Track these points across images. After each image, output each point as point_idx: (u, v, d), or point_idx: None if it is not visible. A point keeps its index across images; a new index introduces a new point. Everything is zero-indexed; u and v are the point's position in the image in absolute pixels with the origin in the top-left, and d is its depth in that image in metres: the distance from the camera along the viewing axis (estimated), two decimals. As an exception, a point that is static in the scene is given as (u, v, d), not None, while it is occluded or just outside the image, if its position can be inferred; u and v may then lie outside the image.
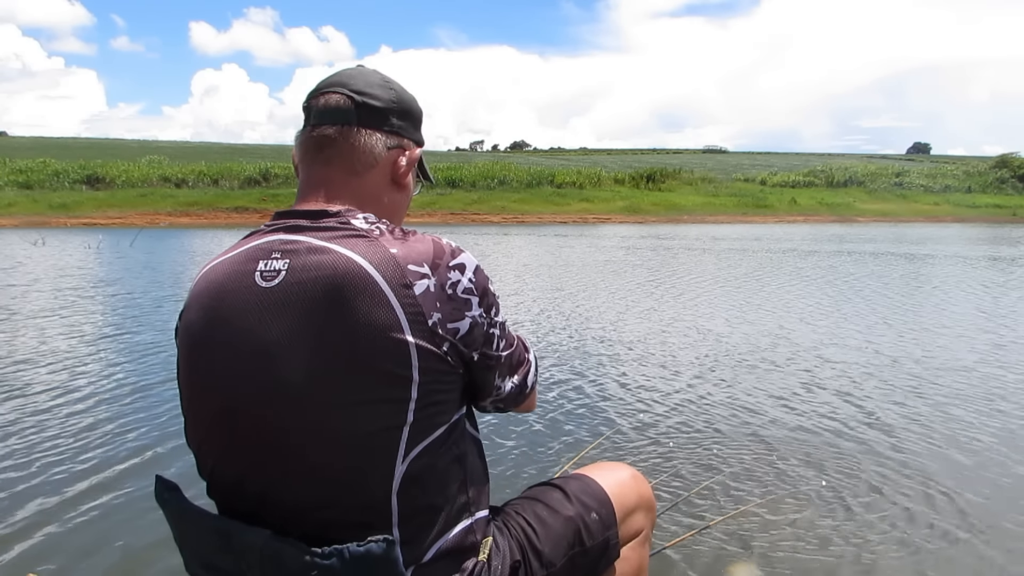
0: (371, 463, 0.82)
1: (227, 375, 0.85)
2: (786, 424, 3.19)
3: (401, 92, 0.99)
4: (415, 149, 1.01)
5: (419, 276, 0.83)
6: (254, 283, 0.85)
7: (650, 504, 1.27)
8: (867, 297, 7.69)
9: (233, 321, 0.85)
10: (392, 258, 0.83)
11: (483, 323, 0.89)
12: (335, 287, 0.81)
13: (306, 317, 0.81)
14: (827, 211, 41.18)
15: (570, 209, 36.89)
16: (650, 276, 9.92)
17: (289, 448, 0.83)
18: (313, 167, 0.95)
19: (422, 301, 0.82)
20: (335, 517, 0.83)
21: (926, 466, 2.67)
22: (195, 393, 0.91)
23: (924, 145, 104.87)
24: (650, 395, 3.68)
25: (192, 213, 31.85)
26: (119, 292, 8.00)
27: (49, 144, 54.10)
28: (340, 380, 0.80)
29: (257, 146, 64.13)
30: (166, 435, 3.01)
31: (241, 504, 0.88)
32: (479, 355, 0.89)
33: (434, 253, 0.86)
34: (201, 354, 0.89)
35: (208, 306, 0.88)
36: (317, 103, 0.95)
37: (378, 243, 0.84)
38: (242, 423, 0.85)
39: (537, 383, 1.09)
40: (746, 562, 1.96)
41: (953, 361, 4.47)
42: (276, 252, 0.86)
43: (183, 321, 0.92)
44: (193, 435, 0.93)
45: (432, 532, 0.87)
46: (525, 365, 1.02)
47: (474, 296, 0.87)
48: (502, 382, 0.97)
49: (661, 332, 5.53)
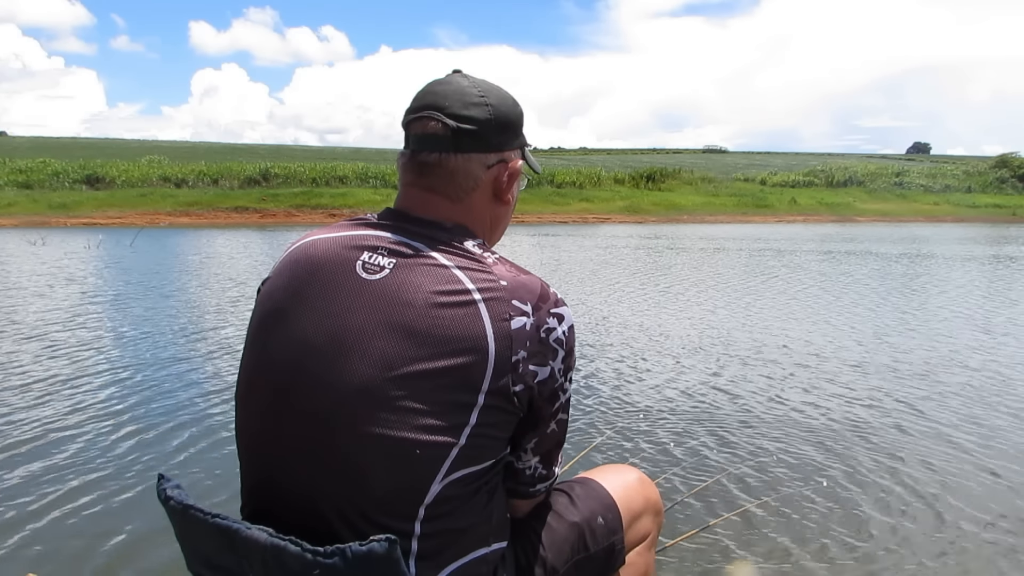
0: (409, 474, 0.82)
1: (297, 348, 0.86)
2: (786, 424, 3.19)
3: (498, 104, 0.94)
4: (517, 160, 0.98)
5: (519, 312, 0.84)
6: (354, 271, 0.86)
7: (657, 508, 1.26)
8: (869, 297, 7.69)
9: (319, 300, 0.86)
10: (500, 288, 0.85)
11: (558, 379, 0.89)
12: (436, 300, 0.82)
13: (396, 318, 0.82)
14: (827, 211, 41.14)
15: (570, 209, 36.83)
16: (650, 276, 9.91)
17: (331, 440, 0.83)
18: (415, 189, 0.95)
19: (515, 336, 0.83)
20: (356, 521, 0.83)
21: (928, 466, 2.67)
22: (258, 359, 0.91)
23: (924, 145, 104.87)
24: (650, 395, 3.68)
25: (192, 213, 31.81)
26: (118, 291, 7.99)
27: (49, 144, 53.99)
28: (406, 384, 0.80)
29: (257, 146, 64.04)
30: (168, 434, 3.01)
31: (267, 490, 0.89)
32: (537, 407, 0.89)
33: (540, 295, 0.87)
34: (277, 320, 0.89)
35: (298, 277, 0.89)
36: (415, 129, 0.93)
37: (490, 271, 0.86)
38: (295, 404, 0.85)
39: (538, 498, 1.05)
40: (746, 562, 1.96)
41: (958, 362, 4.47)
42: (383, 249, 0.87)
43: (266, 286, 0.93)
44: (244, 418, 0.93)
45: (448, 554, 0.87)
46: (554, 467, 1.00)
47: (562, 349, 0.88)
48: (531, 455, 0.96)
49: (661, 331, 5.53)
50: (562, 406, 0.93)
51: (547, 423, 0.92)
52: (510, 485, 0.99)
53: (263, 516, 0.90)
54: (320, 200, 33.63)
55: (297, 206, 33.04)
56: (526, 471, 0.97)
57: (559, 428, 0.95)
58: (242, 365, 0.95)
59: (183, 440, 2.95)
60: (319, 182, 36.95)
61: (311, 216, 31.37)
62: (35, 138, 66.08)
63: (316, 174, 37.67)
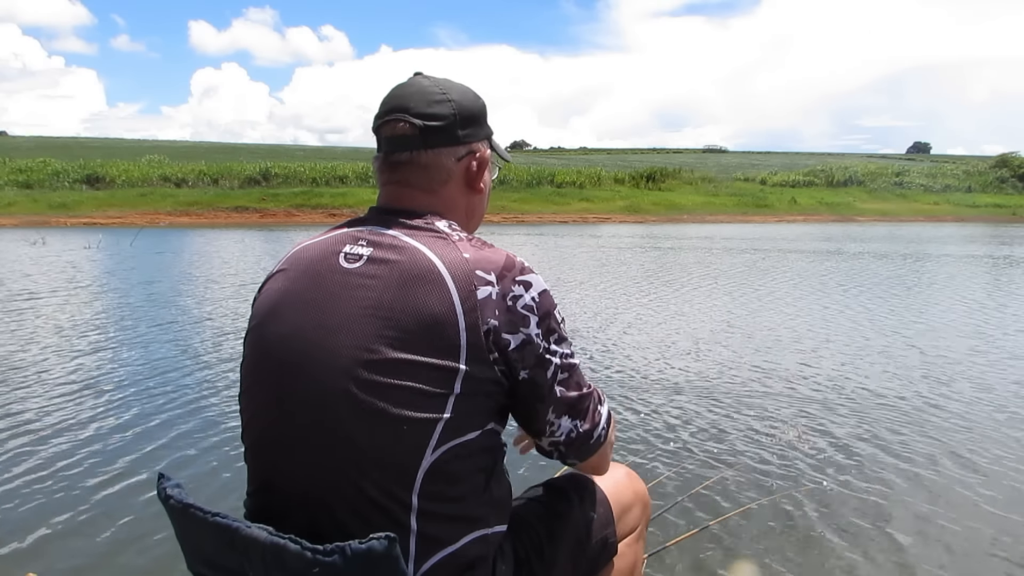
0: (401, 450, 0.85)
1: (289, 341, 0.90)
2: (787, 424, 3.19)
3: (460, 99, 0.99)
4: (485, 150, 1.04)
5: (484, 282, 0.87)
6: (337, 263, 0.92)
7: (645, 501, 1.30)
8: (870, 297, 7.69)
9: (307, 293, 0.92)
10: (464, 261, 0.88)
11: (538, 344, 0.90)
12: (406, 277, 0.87)
13: (374, 299, 0.87)
14: (827, 211, 41.15)
15: (570, 209, 36.87)
16: (650, 275, 9.92)
17: (325, 424, 0.87)
18: (393, 186, 1.01)
19: (481, 306, 0.86)
20: (357, 502, 0.86)
21: (930, 466, 2.67)
22: (254, 355, 0.96)
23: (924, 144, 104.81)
24: (650, 394, 3.69)
25: (192, 212, 31.83)
26: (117, 290, 8.00)
27: (49, 144, 54.04)
28: (388, 364, 0.84)
29: (257, 146, 64.13)
30: (168, 433, 3.01)
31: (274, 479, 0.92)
32: (527, 377, 0.90)
33: (503, 265, 0.90)
34: (271, 318, 0.94)
35: (290, 276, 0.95)
36: (385, 132, 0.99)
37: (455, 246, 0.91)
38: (289, 394, 0.89)
39: (610, 442, 1.06)
40: (746, 562, 1.96)
41: (961, 361, 4.47)
42: (363, 240, 0.93)
43: (264, 288, 0.99)
44: (247, 408, 0.97)
45: (448, 533, 0.88)
46: (593, 414, 0.99)
47: (533, 315, 0.90)
48: (557, 419, 0.95)
49: (661, 331, 5.53)
50: (558, 368, 0.93)
51: (551, 390, 0.93)
52: (569, 456, 1.01)
53: (267, 512, 0.92)
54: (320, 200, 33.65)
55: (297, 206, 33.06)
56: (571, 435, 0.98)
57: (568, 389, 0.95)
58: (242, 365, 0.99)
59: (183, 439, 2.95)
60: (319, 182, 36.97)
61: (311, 216, 31.40)
62: (35, 138, 66.17)
63: (316, 174, 37.70)
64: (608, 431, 1.04)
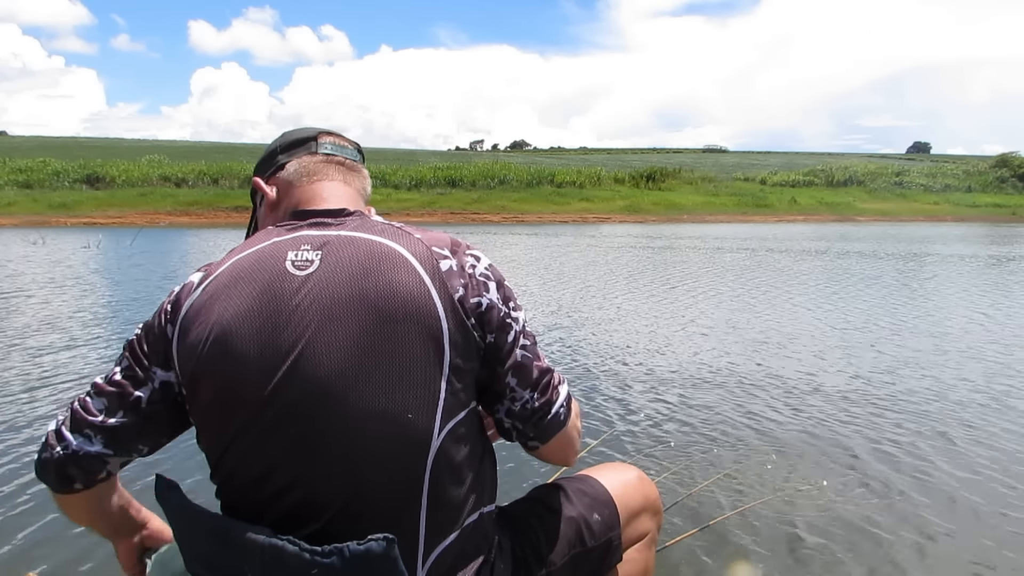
0: (408, 440, 0.84)
1: (263, 364, 0.84)
2: (787, 423, 3.19)
3: None
4: None
5: (442, 256, 0.91)
6: (287, 272, 0.88)
7: (656, 507, 1.27)
8: (871, 297, 7.69)
9: (266, 310, 0.86)
10: (419, 241, 0.92)
11: (500, 309, 0.92)
12: (372, 265, 0.87)
13: (343, 298, 0.85)
14: (827, 211, 41.15)
15: (570, 209, 36.87)
16: (651, 275, 9.91)
17: (328, 435, 0.83)
18: (336, 183, 1.06)
19: (446, 276, 0.89)
20: (361, 503, 0.84)
21: (931, 466, 2.67)
22: (222, 382, 0.86)
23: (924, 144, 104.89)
24: (651, 394, 3.68)
25: (192, 212, 31.83)
26: (118, 290, 7.99)
27: (49, 143, 54.01)
28: (376, 356, 0.83)
29: (257, 145, 64.00)
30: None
31: (265, 500, 0.87)
32: (493, 341, 0.91)
33: (452, 241, 0.95)
34: (234, 344, 0.85)
35: (240, 295, 0.87)
36: (331, 139, 1.10)
37: (402, 231, 0.94)
38: (279, 414, 0.84)
39: (575, 427, 1.03)
40: (746, 562, 1.96)
41: (964, 362, 4.47)
42: (306, 244, 0.91)
43: (197, 312, 0.89)
44: (216, 431, 0.89)
45: (454, 515, 0.89)
46: (552, 391, 0.98)
47: (491, 281, 0.93)
48: (516, 386, 0.94)
49: (662, 330, 5.53)
50: (519, 334, 0.94)
51: (510, 353, 0.93)
52: (528, 433, 0.99)
53: (281, 519, 0.86)
54: (320, 200, 33.61)
55: (297, 206, 33.01)
56: (526, 406, 0.96)
57: (530, 354, 0.95)
58: (209, 407, 0.90)
59: (182, 439, 2.94)
60: (319, 181, 36.93)
61: (311, 216, 31.34)
62: (35, 137, 66.16)
63: (316, 173, 37.65)
64: (569, 413, 1.02)
